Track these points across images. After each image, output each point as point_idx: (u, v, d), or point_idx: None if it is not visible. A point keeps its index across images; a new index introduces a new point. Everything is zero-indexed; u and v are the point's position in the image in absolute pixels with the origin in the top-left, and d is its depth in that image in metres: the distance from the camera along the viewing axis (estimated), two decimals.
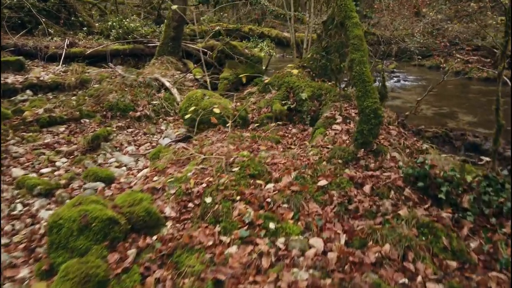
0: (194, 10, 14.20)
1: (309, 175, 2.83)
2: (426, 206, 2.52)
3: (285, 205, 2.51)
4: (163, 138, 4.70)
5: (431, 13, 13.76)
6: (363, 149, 3.21)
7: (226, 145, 3.80)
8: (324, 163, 3.10)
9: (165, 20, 8.34)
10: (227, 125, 3.75)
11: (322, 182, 2.71)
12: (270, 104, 5.09)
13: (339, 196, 2.57)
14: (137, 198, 2.53)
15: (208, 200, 2.54)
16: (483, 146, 4.39)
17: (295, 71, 5.13)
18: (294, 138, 4.29)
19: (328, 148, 3.39)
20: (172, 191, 2.76)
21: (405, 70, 11.30)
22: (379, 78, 9.41)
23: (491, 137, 4.67)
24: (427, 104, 6.50)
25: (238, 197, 2.55)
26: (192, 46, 8.71)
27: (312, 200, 2.55)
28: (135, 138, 4.81)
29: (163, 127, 5.17)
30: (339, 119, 3.99)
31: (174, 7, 5.70)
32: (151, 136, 4.89)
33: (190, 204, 2.60)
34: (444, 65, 11.09)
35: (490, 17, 12.72)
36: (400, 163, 2.86)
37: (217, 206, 2.49)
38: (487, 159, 4.34)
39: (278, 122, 4.69)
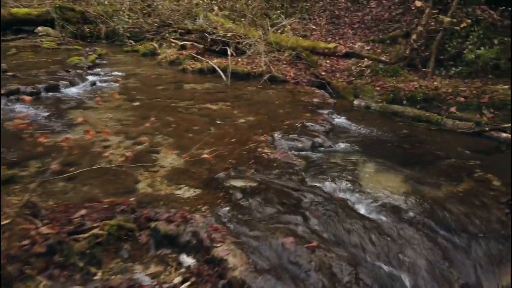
0: None
1: None
2: None
3: None
4: None
5: None
6: None
7: None
8: None
9: None
10: None
11: None
12: None
13: None
14: None
15: None
16: (181, 237, 2.61)
17: None
18: None
19: None
20: None
21: (114, 59, 8.97)
22: (66, 80, 6.67)
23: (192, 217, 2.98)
24: (123, 132, 4.40)
25: None
26: None
27: None
28: None
29: None
30: None
31: None
32: None
33: None
34: (159, 51, 9.44)
35: None
36: None
37: None
38: (192, 263, 2.61)
39: None
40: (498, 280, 2.54)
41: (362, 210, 3.07)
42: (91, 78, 6.75)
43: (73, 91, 6.05)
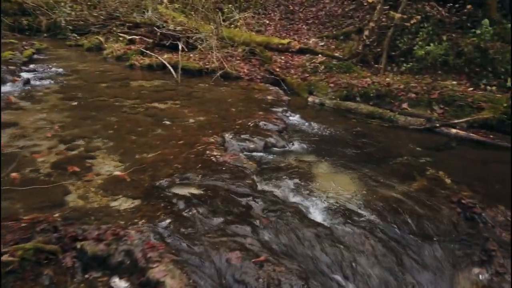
0: None
1: None
2: None
3: None
4: None
5: None
6: None
7: None
8: None
9: None
10: None
11: None
12: None
13: None
14: None
15: None
16: (113, 258, 2.30)
17: None
18: None
19: None
20: None
21: (55, 54, 8.29)
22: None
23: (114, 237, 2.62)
24: (55, 136, 3.95)
25: None
26: None
27: None
28: None
29: None
30: None
31: None
32: None
33: None
34: (105, 45, 8.86)
35: None
36: None
37: None
38: (125, 287, 2.31)
39: None
40: (453, 286, 2.46)
41: (314, 216, 2.90)
42: (25, 75, 6.14)
43: (2, 90, 5.43)
